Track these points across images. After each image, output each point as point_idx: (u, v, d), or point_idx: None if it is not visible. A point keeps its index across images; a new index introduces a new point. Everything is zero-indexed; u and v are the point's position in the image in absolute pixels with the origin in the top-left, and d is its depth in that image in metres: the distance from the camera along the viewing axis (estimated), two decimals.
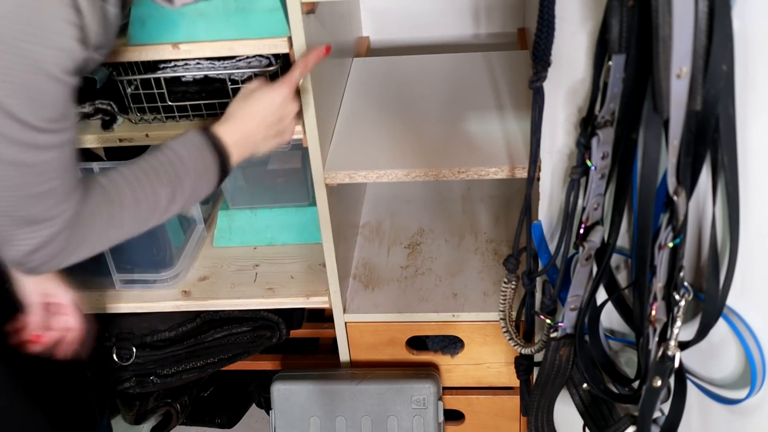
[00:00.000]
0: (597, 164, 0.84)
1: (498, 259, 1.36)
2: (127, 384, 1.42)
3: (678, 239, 0.77)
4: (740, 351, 0.84)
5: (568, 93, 0.88)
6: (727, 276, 0.77)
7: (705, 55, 0.67)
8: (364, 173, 1.11)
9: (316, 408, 1.27)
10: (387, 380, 1.25)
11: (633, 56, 0.74)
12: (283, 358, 1.54)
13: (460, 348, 1.30)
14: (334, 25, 1.26)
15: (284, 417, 1.29)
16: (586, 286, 0.92)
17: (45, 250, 0.73)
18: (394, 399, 1.24)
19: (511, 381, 1.32)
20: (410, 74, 1.39)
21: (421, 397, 1.23)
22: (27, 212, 0.71)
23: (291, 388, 1.28)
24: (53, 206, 0.72)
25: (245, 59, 1.09)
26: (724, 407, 0.88)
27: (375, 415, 1.25)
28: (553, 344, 0.99)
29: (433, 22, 1.60)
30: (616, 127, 0.82)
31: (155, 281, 1.32)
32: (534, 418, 1.09)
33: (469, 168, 1.09)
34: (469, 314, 1.25)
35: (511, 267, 1.08)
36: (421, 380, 1.24)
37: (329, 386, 1.26)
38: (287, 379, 1.30)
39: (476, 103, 1.26)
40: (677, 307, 0.80)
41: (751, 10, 0.68)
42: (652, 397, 0.85)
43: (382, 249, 1.42)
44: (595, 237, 0.88)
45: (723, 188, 0.75)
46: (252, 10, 1.00)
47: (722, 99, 0.69)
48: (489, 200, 1.52)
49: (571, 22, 0.82)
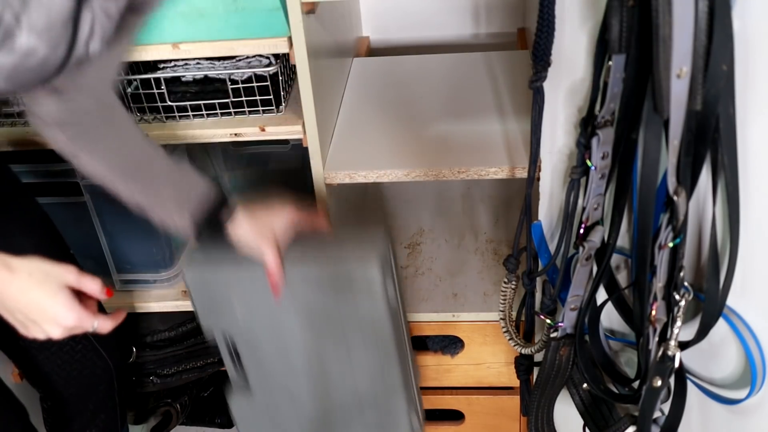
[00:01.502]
0: (597, 164, 0.84)
1: (498, 259, 1.36)
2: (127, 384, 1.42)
3: (678, 239, 0.77)
4: (740, 351, 0.84)
5: (568, 93, 0.88)
6: (727, 276, 0.77)
7: (705, 55, 0.67)
8: (364, 173, 1.11)
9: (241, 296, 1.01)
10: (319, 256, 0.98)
11: (633, 56, 0.74)
12: None
13: (460, 348, 1.30)
14: (334, 25, 1.26)
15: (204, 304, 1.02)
16: (586, 286, 0.92)
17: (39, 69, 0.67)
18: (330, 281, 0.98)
19: (511, 381, 1.32)
20: (410, 74, 1.39)
21: (361, 277, 0.96)
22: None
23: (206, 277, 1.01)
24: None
25: (245, 59, 1.09)
26: (724, 407, 0.88)
27: (311, 300, 0.99)
28: (553, 344, 0.99)
29: (433, 22, 1.60)
30: (616, 127, 0.81)
31: (155, 281, 1.32)
32: (534, 418, 1.09)
33: (469, 168, 1.09)
34: (469, 314, 1.25)
35: (511, 267, 1.08)
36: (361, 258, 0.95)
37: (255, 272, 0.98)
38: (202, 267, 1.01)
39: (476, 103, 1.26)
40: (677, 307, 0.80)
41: (751, 10, 0.68)
42: (652, 397, 0.85)
43: None
44: (595, 237, 0.88)
45: (723, 188, 0.75)
46: (252, 10, 1.00)
47: (722, 99, 0.69)
48: (489, 200, 1.52)
49: (571, 22, 0.82)
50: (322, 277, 0.97)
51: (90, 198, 1.16)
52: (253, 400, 1.11)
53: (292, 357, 1.05)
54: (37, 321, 0.77)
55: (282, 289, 0.96)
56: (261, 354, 1.05)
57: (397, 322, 1.01)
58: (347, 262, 0.96)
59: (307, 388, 1.08)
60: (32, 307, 0.77)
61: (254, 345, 1.05)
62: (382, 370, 1.04)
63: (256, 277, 0.96)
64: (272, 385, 1.09)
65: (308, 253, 0.98)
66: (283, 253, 0.95)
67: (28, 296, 0.76)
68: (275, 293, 0.96)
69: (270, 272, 0.94)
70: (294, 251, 0.96)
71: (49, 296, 0.77)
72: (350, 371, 1.05)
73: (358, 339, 1.01)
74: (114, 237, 1.23)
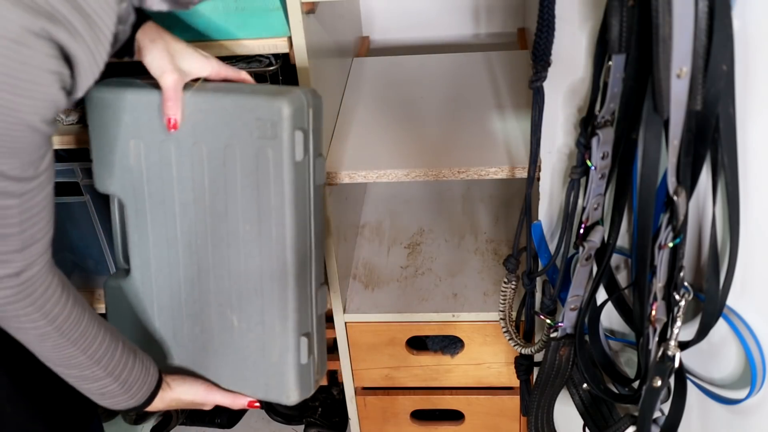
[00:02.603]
0: (597, 164, 0.84)
1: (498, 259, 1.36)
2: None
3: (678, 239, 0.77)
4: (740, 351, 0.84)
5: (568, 93, 0.88)
6: (727, 276, 0.77)
7: (705, 55, 0.67)
8: (364, 173, 1.11)
9: (137, 128, 0.92)
10: (225, 93, 0.88)
11: (633, 56, 0.74)
12: None
13: (460, 348, 1.30)
14: (334, 25, 1.26)
15: (100, 138, 0.94)
16: (586, 286, 0.93)
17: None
18: (233, 121, 0.87)
19: (511, 381, 1.32)
20: (410, 74, 1.39)
21: (267, 119, 0.85)
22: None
23: (105, 97, 0.91)
24: (5, 252, 0.71)
25: (245, 59, 1.09)
26: (724, 407, 0.88)
27: (209, 142, 0.89)
28: (553, 344, 0.99)
29: (433, 22, 1.60)
30: (616, 127, 0.82)
31: None
32: (534, 418, 1.09)
33: (469, 168, 1.09)
34: (469, 314, 1.25)
35: (511, 267, 1.08)
36: (270, 97, 0.86)
37: (154, 98, 0.89)
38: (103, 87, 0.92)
39: (476, 103, 1.26)
40: (677, 307, 0.80)
41: (751, 10, 0.68)
42: (652, 397, 0.85)
43: (382, 249, 1.42)
44: (595, 237, 0.88)
45: (723, 188, 0.75)
46: (252, 10, 1.00)
47: (722, 99, 0.69)
48: (489, 200, 1.52)
49: (571, 22, 0.82)
50: (224, 112, 0.86)
51: (90, 198, 1.17)
52: (129, 281, 1.01)
53: (177, 221, 0.95)
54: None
55: (177, 119, 0.88)
56: (145, 220, 0.97)
57: (301, 200, 0.91)
58: (256, 99, 0.85)
59: (185, 263, 0.97)
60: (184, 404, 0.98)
61: (141, 205, 0.96)
62: (273, 265, 0.92)
63: (154, 102, 0.87)
64: (150, 263, 0.99)
65: (217, 88, 0.89)
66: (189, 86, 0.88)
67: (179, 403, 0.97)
68: (169, 119, 0.87)
69: (164, 92, 0.86)
70: (205, 86, 0.88)
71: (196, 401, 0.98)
72: (236, 251, 0.93)
73: (252, 207, 0.90)
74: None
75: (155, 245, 0.97)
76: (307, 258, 0.95)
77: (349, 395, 1.38)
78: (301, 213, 0.91)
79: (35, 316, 0.75)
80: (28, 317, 0.75)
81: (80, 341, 0.80)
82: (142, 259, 0.99)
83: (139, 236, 0.98)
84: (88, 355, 0.81)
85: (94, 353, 0.82)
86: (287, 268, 0.92)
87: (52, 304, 0.76)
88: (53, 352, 0.79)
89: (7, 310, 0.74)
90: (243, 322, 0.97)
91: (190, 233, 0.95)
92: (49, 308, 0.76)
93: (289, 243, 0.91)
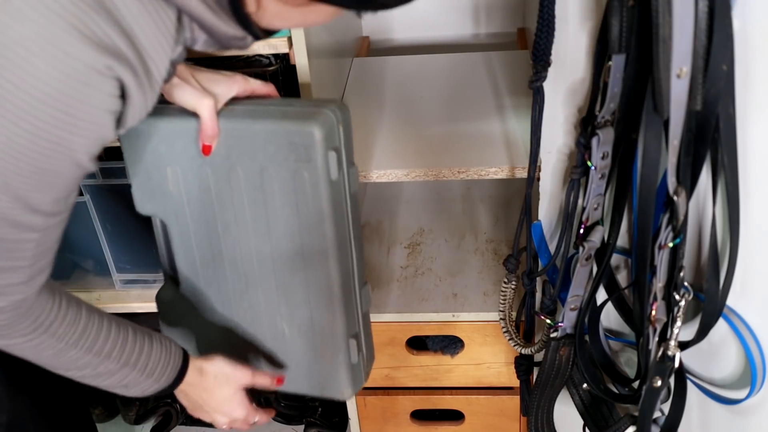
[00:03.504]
0: (597, 164, 0.84)
1: (498, 259, 1.36)
2: None
3: (678, 239, 0.77)
4: (740, 351, 0.84)
5: (568, 93, 0.88)
6: (727, 276, 0.77)
7: (705, 55, 0.67)
8: (363, 173, 1.11)
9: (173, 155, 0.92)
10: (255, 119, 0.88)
11: (633, 56, 0.74)
12: None
13: (460, 348, 1.30)
14: (333, 25, 1.26)
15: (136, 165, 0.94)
16: (586, 286, 0.93)
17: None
18: (266, 146, 0.88)
19: (511, 381, 1.32)
20: (410, 74, 1.39)
21: (299, 143, 0.86)
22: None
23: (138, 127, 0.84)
24: (9, 285, 0.68)
25: (245, 59, 1.09)
26: (724, 407, 0.88)
27: (245, 166, 0.90)
28: (553, 344, 0.99)
29: (432, 22, 1.60)
30: (616, 127, 0.82)
31: (155, 281, 1.32)
32: (534, 418, 1.09)
33: (469, 168, 1.09)
34: (469, 314, 1.25)
35: (511, 267, 1.08)
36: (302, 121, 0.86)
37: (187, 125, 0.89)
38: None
39: (476, 103, 1.26)
40: (677, 307, 0.81)
41: (751, 10, 0.68)
42: (652, 397, 0.85)
43: (382, 249, 1.42)
44: (595, 237, 0.89)
45: (723, 188, 0.75)
46: None
47: (722, 99, 0.69)
48: (489, 200, 1.52)
49: (571, 22, 0.82)
50: (257, 138, 0.87)
51: (90, 198, 1.17)
52: (180, 294, 1.03)
53: (221, 239, 0.97)
54: (209, 411, 0.93)
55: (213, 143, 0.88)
56: (189, 240, 0.98)
57: (340, 213, 0.92)
58: (287, 125, 0.86)
59: (233, 278, 0.99)
60: (212, 403, 0.92)
61: (184, 226, 0.97)
62: (318, 275, 0.95)
63: (188, 130, 0.87)
64: (199, 278, 1.01)
65: (247, 113, 0.88)
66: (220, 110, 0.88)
67: (211, 394, 0.91)
68: (204, 146, 0.88)
69: (202, 122, 0.86)
70: (235, 109, 0.88)
71: (227, 397, 0.92)
72: (281, 266, 0.96)
73: (292, 224, 0.92)
74: (114, 237, 1.23)
75: (202, 263, 1.00)
76: (349, 264, 0.98)
77: None
78: (340, 224, 0.93)
79: (28, 331, 0.73)
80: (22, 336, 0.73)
81: (81, 341, 0.77)
82: (191, 274, 1.02)
83: (184, 254, 1.00)
84: (94, 353, 0.79)
85: (100, 349, 0.79)
86: (332, 278, 0.95)
87: (45, 315, 0.74)
88: (55, 359, 0.77)
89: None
90: (294, 330, 1.01)
91: (234, 251, 0.97)
92: (42, 320, 0.73)
93: (331, 254, 0.93)
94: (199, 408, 0.93)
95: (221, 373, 0.91)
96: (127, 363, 0.82)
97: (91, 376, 0.81)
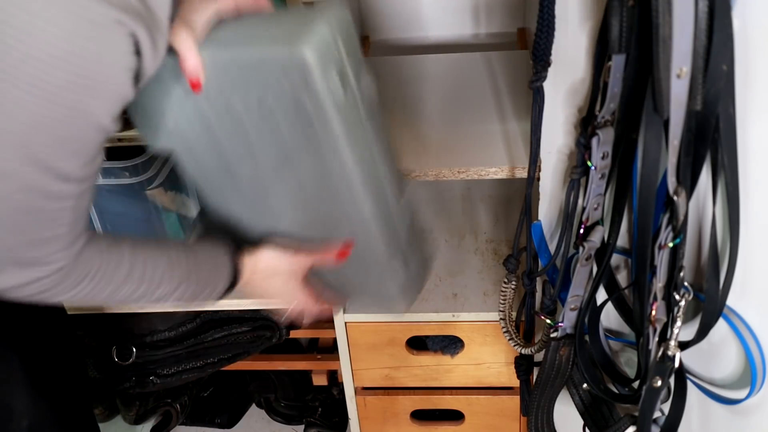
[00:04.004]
0: (597, 164, 0.84)
1: (498, 259, 1.36)
2: (127, 384, 1.42)
3: (678, 239, 0.77)
4: (740, 351, 0.84)
5: (568, 93, 0.88)
6: (727, 276, 0.77)
7: (705, 55, 0.67)
8: None
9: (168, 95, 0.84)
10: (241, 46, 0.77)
11: (633, 56, 0.74)
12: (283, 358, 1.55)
13: (460, 348, 1.30)
14: None
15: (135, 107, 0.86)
16: (586, 286, 0.93)
17: (28, 288, 0.69)
18: (259, 76, 0.77)
19: (511, 381, 1.32)
20: (410, 74, 1.39)
21: (292, 70, 0.75)
22: (23, 255, 0.66)
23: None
24: (52, 252, 0.67)
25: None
26: (724, 407, 0.88)
27: (242, 98, 0.80)
28: (553, 344, 0.99)
29: (433, 22, 1.60)
30: (616, 127, 0.82)
31: None
32: (534, 418, 1.09)
33: (469, 168, 1.09)
34: (469, 314, 1.25)
35: (511, 267, 1.08)
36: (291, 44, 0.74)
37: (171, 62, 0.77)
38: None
39: (476, 103, 1.26)
40: (677, 307, 0.80)
41: (751, 10, 0.68)
42: (652, 397, 0.85)
43: None
44: (595, 237, 0.88)
45: (723, 188, 0.75)
46: None
47: (722, 99, 0.69)
48: (489, 200, 1.52)
49: (571, 22, 0.82)
50: (247, 68, 0.77)
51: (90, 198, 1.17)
52: (214, 223, 0.96)
53: (239, 172, 0.89)
54: (273, 299, 0.91)
55: (201, 81, 0.78)
56: (207, 172, 0.91)
57: (357, 133, 0.83)
58: (275, 50, 0.75)
59: (261, 212, 0.93)
60: (271, 293, 0.91)
61: (198, 161, 0.89)
62: (346, 203, 0.86)
63: (174, 67, 0.77)
64: (226, 208, 0.95)
65: (231, 40, 0.78)
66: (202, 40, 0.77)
67: (267, 286, 0.90)
68: (192, 83, 0.78)
69: (180, 58, 0.76)
70: (218, 36, 0.78)
71: (280, 287, 0.90)
72: (304, 196, 0.88)
73: (307, 151, 0.83)
74: None
75: (225, 196, 0.92)
76: (378, 183, 0.88)
77: (349, 395, 1.38)
78: (360, 145, 0.83)
79: (76, 284, 0.72)
80: (72, 288, 0.72)
81: (130, 278, 0.75)
82: (218, 207, 0.95)
83: (206, 185, 0.93)
84: (146, 283, 0.77)
85: (151, 278, 0.78)
86: (360, 204, 0.87)
87: (88, 267, 0.72)
88: (111, 299, 0.76)
89: (44, 297, 0.71)
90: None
91: (254, 182, 0.89)
92: (86, 271, 0.72)
93: (356, 179, 0.84)
94: (268, 296, 0.92)
95: (268, 266, 0.89)
96: (180, 282, 0.81)
97: (150, 303, 0.80)
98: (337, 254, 0.91)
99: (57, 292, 0.71)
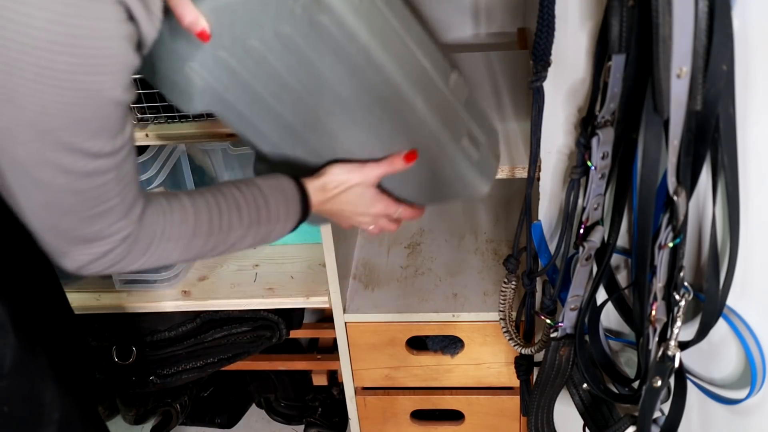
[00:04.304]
0: (597, 164, 0.84)
1: (498, 259, 1.36)
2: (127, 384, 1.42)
3: (678, 239, 0.77)
4: (740, 351, 0.84)
5: (568, 93, 0.88)
6: (727, 276, 0.77)
7: (705, 55, 0.67)
8: None
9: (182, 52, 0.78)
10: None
11: (633, 56, 0.74)
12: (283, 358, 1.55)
13: (460, 348, 1.30)
14: None
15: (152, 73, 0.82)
16: (586, 286, 0.92)
17: (100, 262, 0.70)
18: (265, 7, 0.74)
19: (511, 381, 1.32)
20: None
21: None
22: (84, 232, 0.67)
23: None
24: (112, 224, 0.68)
25: None
26: (724, 407, 0.88)
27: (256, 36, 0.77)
28: (553, 344, 0.99)
29: (433, 22, 1.59)
30: (616, 127, 0.82)
31: (155, 281, 1.32)
32: (534, 418, 1.09)
33: None
34: (469, 314, 1.25)
35: (511, 267, 1.08)
36: None
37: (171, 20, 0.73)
38: None
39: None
40: (677, 307, 0.81)
41: (751, 10, 0.68)
42: (652, 397, 0.85)
43: (382, 249, 1.42)
44: (595, 237, 0.88)
45: (723, 188, 0.75)
46: None
47: (722, 99, 0.69)
48: (489, 200, 1.52)
49: (571, 22, 0.82)
50: (249, 3, 0.73)
51: None
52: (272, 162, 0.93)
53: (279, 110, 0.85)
54: (350, 218, 0.92)
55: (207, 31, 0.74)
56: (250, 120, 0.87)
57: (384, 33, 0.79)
58: None
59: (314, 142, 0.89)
60: (347, 210, 0.90)
61: (238, 111, 0.85)
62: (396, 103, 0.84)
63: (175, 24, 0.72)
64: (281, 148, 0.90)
65: None
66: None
67: (342, 203, 0.89)
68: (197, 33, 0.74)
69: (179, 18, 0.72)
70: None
71: (355, 199, 0.89)
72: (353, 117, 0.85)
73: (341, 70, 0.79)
74: None
75: (276, 137, 0.89)
76: (423, 72, 0.85)
77: (349, 395, 1.38)
78: (391, 40, 0.80)
79: (146, 248, 0.72)
80: (143, 255, 0.72)
81: (198, 231, 0.75)
82: (271, 150, 0.91)
83: (254, 135, 0.89)
84: (216, 232, 0.77)
85: (219, 227, 0.77)
86: (410, 99, 0.84)
87: (153, 230, 0.72)
88: (184, 255, 0.76)
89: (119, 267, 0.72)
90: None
91: (299, 117, 0.86)
92: (152, 234, 0.72)
93: (398, 78, 0.81)
94: (345, 218, 0.92)
95: (339, 180, 0.87)
96: (251, 223, 0.80)
97: (225, 250, 0.80)
98: (405, 156, 0.89)
99: (130, 260, 0.72)
